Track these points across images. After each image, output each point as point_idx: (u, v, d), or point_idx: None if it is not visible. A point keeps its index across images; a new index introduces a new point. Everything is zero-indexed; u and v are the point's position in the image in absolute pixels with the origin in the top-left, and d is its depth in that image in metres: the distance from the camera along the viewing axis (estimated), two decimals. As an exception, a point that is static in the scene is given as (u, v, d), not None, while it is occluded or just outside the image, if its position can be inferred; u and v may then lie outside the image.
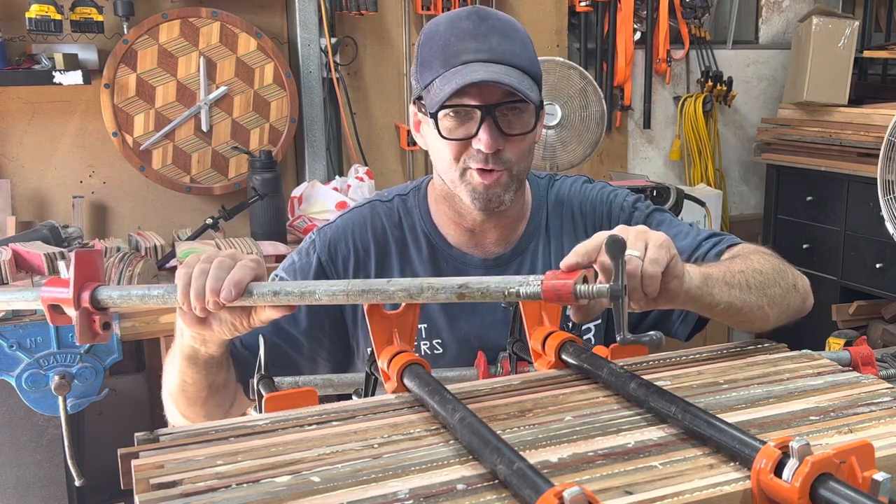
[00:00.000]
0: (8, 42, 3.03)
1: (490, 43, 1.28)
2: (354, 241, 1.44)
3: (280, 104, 3.36)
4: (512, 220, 1.43)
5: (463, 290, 1.00)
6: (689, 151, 4.32)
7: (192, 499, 0.73)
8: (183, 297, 1.06)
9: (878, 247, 3.69)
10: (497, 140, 1.28)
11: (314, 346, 1.42)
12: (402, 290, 1.02)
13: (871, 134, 3.68)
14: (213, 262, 1.06)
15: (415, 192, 1.48)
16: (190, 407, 1.28)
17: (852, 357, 1.19)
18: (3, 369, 2.20)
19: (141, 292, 1.09)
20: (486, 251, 1.44)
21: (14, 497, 2.48)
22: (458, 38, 1.29)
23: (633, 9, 4.04)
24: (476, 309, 1.41)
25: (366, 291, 1.02)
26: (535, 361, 1.09)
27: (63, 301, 1.05)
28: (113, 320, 1.11)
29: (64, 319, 1.08)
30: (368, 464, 0.79)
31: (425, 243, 1.44)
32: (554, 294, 0.95)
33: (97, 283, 1.07)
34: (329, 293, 1.04)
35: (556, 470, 0.77)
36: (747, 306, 1.20)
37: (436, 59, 1.30)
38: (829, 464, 0.67)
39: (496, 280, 0.99)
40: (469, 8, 1.34)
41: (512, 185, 1.34)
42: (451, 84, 1.25)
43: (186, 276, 1.06)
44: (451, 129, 1.30)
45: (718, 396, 0.96)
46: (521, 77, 1.28)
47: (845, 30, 3.96)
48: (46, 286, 1.07)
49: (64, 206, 3.21)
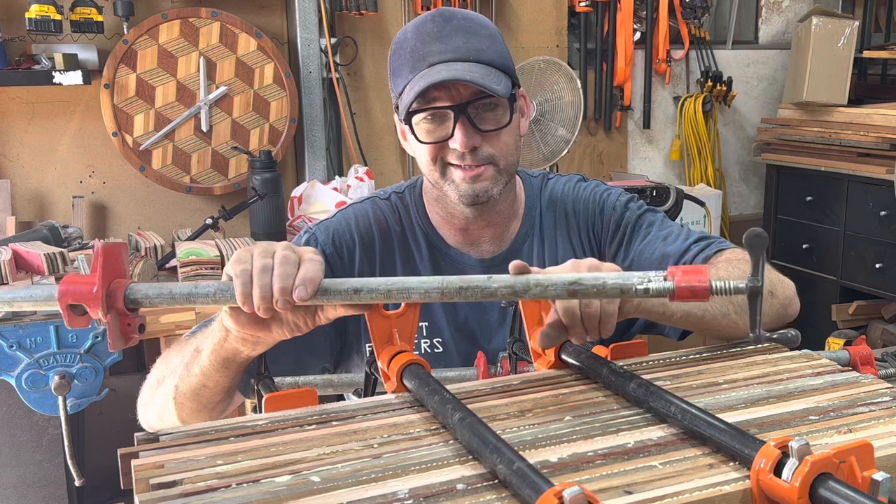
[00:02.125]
0: (8, 42, 3.03)
1: (455, 42, 1.28)
2: (360, 233, 1.42)
3: (280, 104, 3.36)
4: (503, 218, 1.43)
5: (575, 288, 0.93)
6: (688, 151, 4.32)
7: (192, 499, 0.73)
8: (244, 298, 0.93)
9: (877, 247, 3.69)
10: (472, 138, 1.28)
11: (329, 344, 1.38)
12: (505, 287, 0.94)
13: (870, 134, 3.68)
14: (276, 256, 0.94)
15: (410, 190, 1.47)
16: (196, 413, 1.17)
17: (852, 357, 1.19)
18: (3, 369, 2.20)
19: (186, 291, 0.94)
20: (481, 250, 1.44)
21: (14, 497, 2.48)
22: (424, 42, 1.29)
23: (633, 9, 4.04)
24: (478, 307, 1.41)
25: (464, 289, 0.94)
26: (535, 361, 1.09)
27: (88, 301, 0.90)
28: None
29: (82, 321, 0.92)
30: (368, 464, 0.79)
31: (424, 242, 1.44)
32: (690, 293, 0.89)
33: (126, 281, 0.93)
34: (422, 290, 0.95)
35: (556, 470, 0.77)
36: (709, 314, 1.18)
37: (405, 65, 1.30)
38: (829, 464, 0.67)
39: (612, 277, 0.93)
40: (435, 11, 1.34)
41: (500, 179, 1.34)
42: (416, 87, 1.26)
43: (245, 275, 0.93)
44: (428, 132, 1.30)
45: (718, 396, 0.96)
46: (487, 71, 1.27)
47: (845, 30, 3.96)
48: (65, 284, 0.91)
49: (64, 206, 3.22)
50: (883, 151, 3.61)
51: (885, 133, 3.61)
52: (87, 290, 0.90)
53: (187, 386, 1.14)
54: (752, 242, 0.86)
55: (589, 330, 1.03)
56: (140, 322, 0.94)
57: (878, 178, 3.63)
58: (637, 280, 0.91)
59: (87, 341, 2.25)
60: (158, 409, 1.21)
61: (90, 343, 2.25)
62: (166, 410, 1.19)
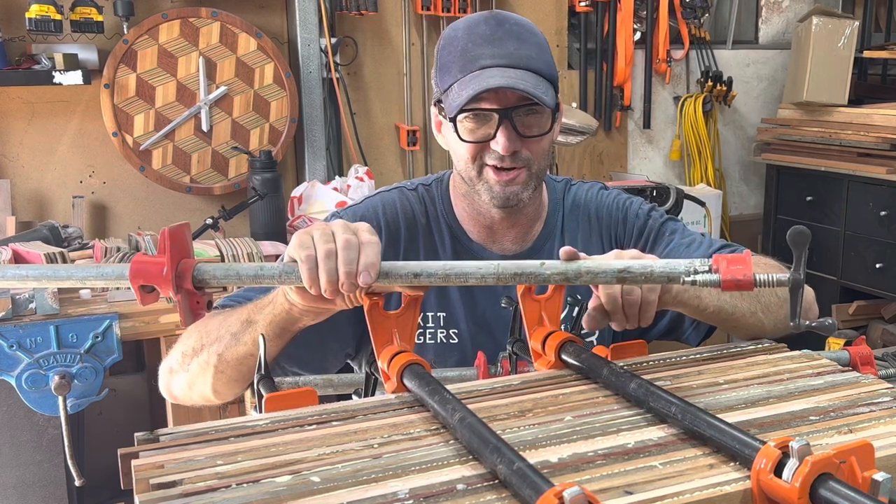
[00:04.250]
0: (8, 42, 3.03)
1: (507, 48, 1.31)
2: (387, 221, 1.44)
3: (280, 104, 3.36)
4: (528, 219, 1.46)
5: (624, 276, 0.98)
6: (688, 151, 4.32)
7: (192, 499, 0.73)
8: (311, 283, 0.99)
9: (877, 247, 3.69)
10: (514, 142, 1.31)
11: (352, 327, 1.39)
12: (557, 274, 0.98)
13: (870, 134, 3.68)
14: (338, 240, 1.00)
15: (437, 184, 1.50)
16: (232, 382, 1.24)
17: (852, 357, 1.19)
18: (3, 369, 2.20)
19: (252, 273, 0.99)
20: (503, 248, 1.46)
21: (14, 497, 2.48)
22: (476, 43, 1.32)
23: (633, 9, 4.04)
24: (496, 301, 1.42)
25: (518, 274, 0.98)
26: (535, 361, 1.10)
27: (159, 282, 0.95)
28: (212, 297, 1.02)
29: (152, 298, 0.98)
30: (368, 464, 0.79)
31: (448, 235, 1.46)
32: (734, 285, 0.94)
33: (192, 261, 0.98)
34: (479, 275, 0.99)
35: (556, 470, 0.77)
36: (739, 311, 1.23)
37: (454, 63, 1.33)
38: (829, 464, 0.67)
39: (660, 265, 0.98)
40: (487, 13, 1.36)
41: (531, 183, 1.37)
42: (468, 89, 1.28)
43: (311, 260, 0.99)
44: (471, 131, 1.33)
45: (718, 396, 0.96)
46: (537, 81, 1.30)
47: (845, 30, 3.96)
48: (136, 265, 0.96)
49: (64, 206, 3.21)
50: (883, 151, 3.61)
51: (885, 133, 3.61)
52: (157, 270, 0.95)
53: (234, 354, 1.20)
54: (796, 240, 0.93)
55: (629, 317, 1.10)
56: (208, 299, 0.99)
57: (878, 178, 3.63)
58: (683, 269, 0.96)
59: (87, 341, 2.25)
60: (191, 377, 1.27)
61: (90, 343, 2.25)
62: (200, 378, 1.25)
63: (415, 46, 3.68)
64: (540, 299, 1.08)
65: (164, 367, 1.33)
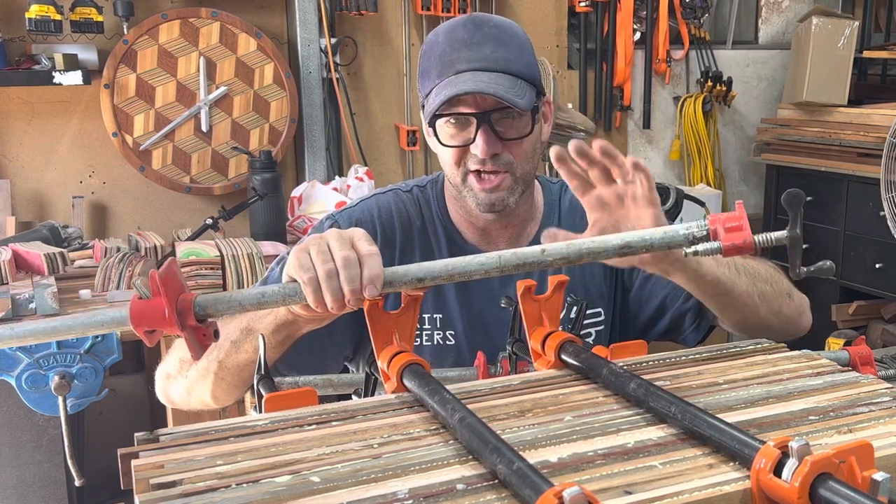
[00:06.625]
0: (8, 42, 3.04)
1: (483, 51, 1.31)
2: (382, 223, 1.44)
3: (280, 104, 3.36)
4: (521, 220, 1.46)
5: (625, 250, 0.99)
6: (688, 151, 4.32)
7: (192, 499, 0.73)
8: (317, 303, 0.99)
9: (877, 247, 3.69)
10: (493, 145, 1.31)
11: (349, 331, 1.40)
12: (559, 258, 0.99)
13: (870, 134, 3.68)
14: (337, 259, 0.98)
15: (432, 185, 1.50)
16: (232, 388, 1.25)
17: (851, 357, 1.19)
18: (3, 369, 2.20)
19: (254, 299, 0.97)
20: (498, 249, 1.45)
21: (14, 497, 2.48)
22: (454, 47, 1.32)
23: (633, 9, 4.04)
24: (493, 301, 1.42)
25: (520, 264, 0.98)
26: (535, 361, 1.10)
27: (163, 325, 0.94)
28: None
29: (157, 337, 0.97)
30: (368, 464, 0.79)
31: (444, 237, 1.46)
32: (735, 251, 0.97)
33: (189, 295, 0.96)
34: (482, 270, 0.99)
35: (556, 470, 0.77)
36: (737, 288, 1.24)
37: (433, 69, 1.34)
38: (829, 464, 0.67)
39: (658, 234, 1.00)
40: (466, 16, 1.37)
41: (517, 188, 1.37)
42: (441, 95, 1.29)
43: (314, 282, 0.98)
44: (451, 135, 1.34)
45: (718, 396, 0.96)
46: (513, 83, 1.30)
47: (845, 30, 3.96)
48: (136, 311, 0.94)
49: (64, 206, 3.21)
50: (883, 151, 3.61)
51: (885, 133, 3.60)
52: (158, 314, 0.94)
53: (234, 362, 1.23)
54: (791, 201, 0.98)
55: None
56: (214, 329, 0.98)
57: (877, 178, 3.62)
58: (682, 236, 0.99)
59: (87, 341, 2.25)
60: (190, 383, 1.29)
61: (90, 343, 2.25)
62: (200, 384, 1.27)
63: (415, 47, 3.68)
64: (539, 299, 1.08)
65: (160, 373, 1.34)
